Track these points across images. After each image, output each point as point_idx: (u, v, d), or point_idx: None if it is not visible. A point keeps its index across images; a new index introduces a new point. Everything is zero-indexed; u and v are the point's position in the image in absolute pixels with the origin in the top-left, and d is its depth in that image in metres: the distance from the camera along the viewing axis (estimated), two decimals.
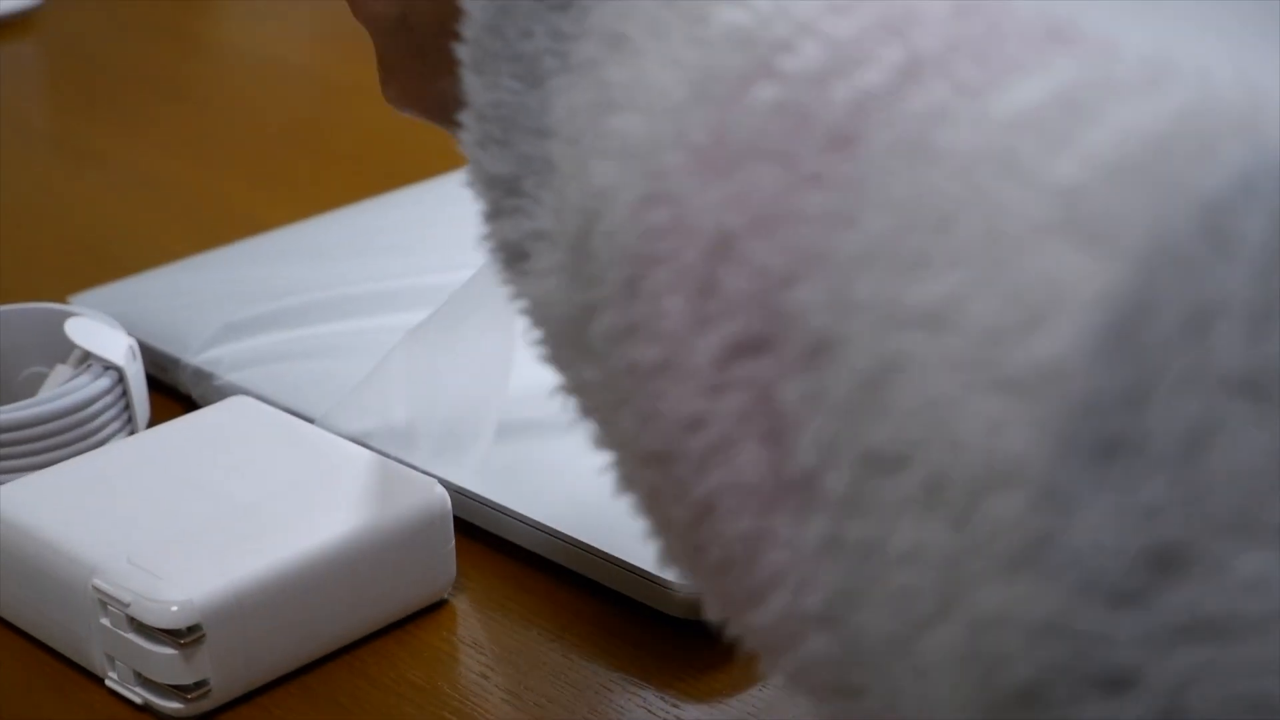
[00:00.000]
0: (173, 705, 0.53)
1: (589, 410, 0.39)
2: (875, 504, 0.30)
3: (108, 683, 0.54)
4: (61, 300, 0.71)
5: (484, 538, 0.61)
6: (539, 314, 0.39)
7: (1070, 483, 0.27)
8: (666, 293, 0.33)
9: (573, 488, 0.60)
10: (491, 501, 0.60)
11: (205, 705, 0.53)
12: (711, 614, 0.36)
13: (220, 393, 0.67)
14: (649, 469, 0.36)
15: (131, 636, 0.53)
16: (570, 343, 0.38)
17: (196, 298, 0.73)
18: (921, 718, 0.30)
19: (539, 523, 0.59)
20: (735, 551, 0.33)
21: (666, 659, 0.56)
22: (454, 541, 0.58)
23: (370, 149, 0.94)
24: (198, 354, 0.69)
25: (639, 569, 0.56)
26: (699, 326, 0.32)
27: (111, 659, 0.54)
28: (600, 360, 0.36)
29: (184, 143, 0.96)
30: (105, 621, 0.53)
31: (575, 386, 0.39)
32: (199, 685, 0.53)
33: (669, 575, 0.37)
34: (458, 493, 0.59)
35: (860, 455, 0.30)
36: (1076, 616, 0.26)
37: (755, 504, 0.32)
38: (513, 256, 0.39)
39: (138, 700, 0.54)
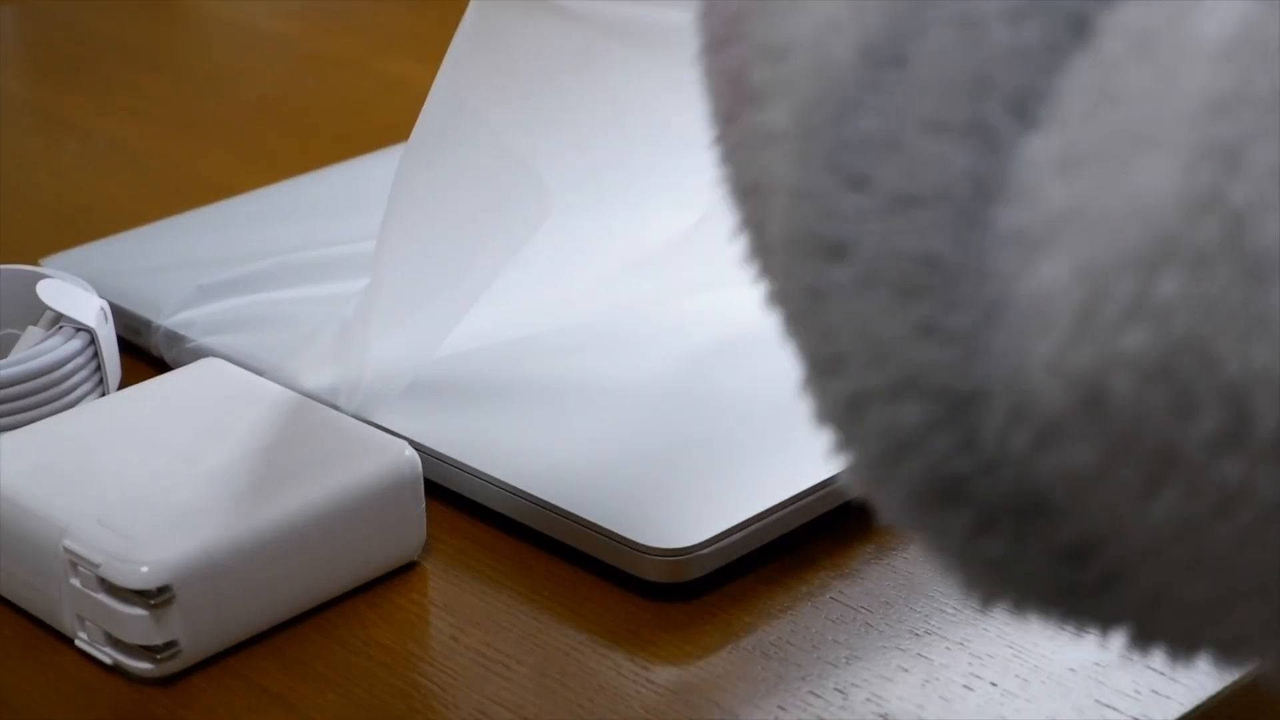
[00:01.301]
0: (143, 666, 0.53)
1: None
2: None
3: (78, 643, 0.54)
4: (33, 263, 0.71)
5: (455, 500, 0.61)
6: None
7: (855, 87, 0.34)
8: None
9: (544, 451, 0.60)
10: (463, 464, 0.60)
11: (175, 666, 0.53)
12: None
13: (192, 355, 0.66)
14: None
15: (102, 597, 0.53)
16: None
17: (169, 260, 0.73)
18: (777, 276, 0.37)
19: (510, 485, 0.59)
20: None
21: (636, 622, 0.56)
22: (425, 504, 0.58)
23: (346, 119, 0.94)
24: (170, 316, 0.68)
25: (609, 532, 0.56)
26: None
27: (81, 619, 0.54)
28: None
29: (160, 111, 0.96)
30: (75, 582, 0.53)
31: None
32: (169, 646, 0.53)
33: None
34: (429, 455, 0.60)
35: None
36: (823, 190, 0.34)
37: None
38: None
39: (107, 661, 0.54)
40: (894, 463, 0.34)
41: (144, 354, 0.69)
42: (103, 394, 0.64)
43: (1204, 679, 0.53)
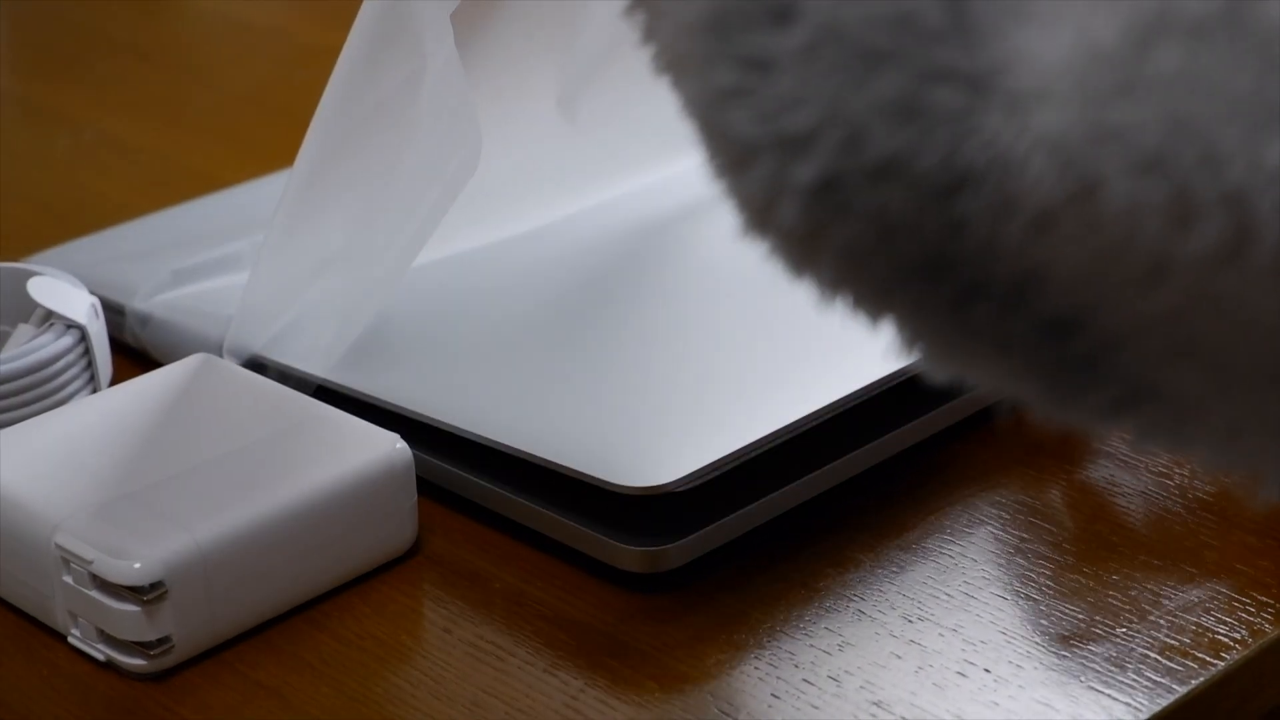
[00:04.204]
0: (136, 662, 0.53)
1: None
2: None
3: (70, 640, 0.54)
4: (22, 259, 0.70)
5: (446, 496, 0.61)
6: None
7: None
8: None
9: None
10: (453, 461, 0.60)
11: (168, 661, 0.53)
12: None
13: (164, 337, 0.66)
14: None
15: (94, 593, 0.53)
16: None
17: (150, 248, 0.72)
18: None
19: (499, 483, 0.59)
20: None
21: (629, 612, 0.56)
22: (416, 497, 0.58)
23: None
24: (144, 300, 0.68)
25: (596, 527, 0.56)
26: None
27: (74, 616, 0.54)
28: None
29: (150, 104, 0.95)
30: (68, 579, 0.53)
31: None
32: (162, 642, 0.53)
33: None
34: (420, 453, 0.59)
35: None
36: None
37: None
38: None
39: (100, 657, 0.54)
40: (880, 245, 0.32)
41: (135, 351, 0.69)
42: (94, 390, 0.64)
43: (1198, 667, 0.53)
